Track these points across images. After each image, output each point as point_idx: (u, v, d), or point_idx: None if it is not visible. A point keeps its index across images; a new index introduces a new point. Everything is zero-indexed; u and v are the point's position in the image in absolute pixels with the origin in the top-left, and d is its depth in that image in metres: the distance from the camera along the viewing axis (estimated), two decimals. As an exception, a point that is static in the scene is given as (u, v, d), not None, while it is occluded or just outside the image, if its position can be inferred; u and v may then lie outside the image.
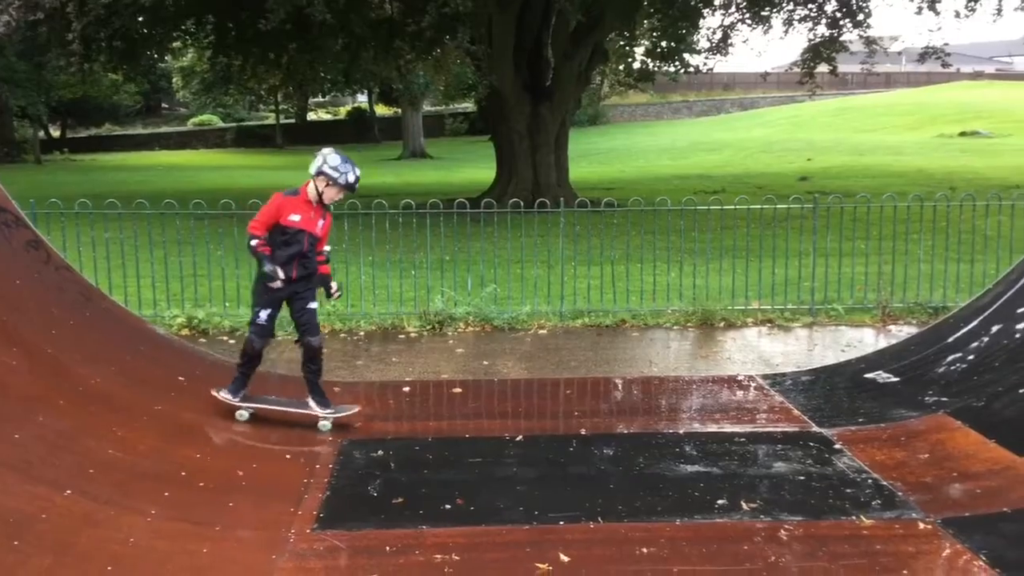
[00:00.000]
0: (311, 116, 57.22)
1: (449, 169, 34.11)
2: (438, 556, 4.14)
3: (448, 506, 4.74)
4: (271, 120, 53.24)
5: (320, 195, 5.83)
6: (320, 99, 55.13)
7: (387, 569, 4.03)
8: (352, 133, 52.44)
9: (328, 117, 58.79)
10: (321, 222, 5.92)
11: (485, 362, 8.00)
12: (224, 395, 5.94)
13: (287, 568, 4.01)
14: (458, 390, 6.97)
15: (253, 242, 5.74)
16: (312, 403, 6.00)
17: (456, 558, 4.13)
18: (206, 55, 29.92)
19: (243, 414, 5.91)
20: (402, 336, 8.98)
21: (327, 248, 6.16)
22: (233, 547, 4.17)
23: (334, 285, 6.12)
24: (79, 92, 41.19)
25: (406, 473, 5.26)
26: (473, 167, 32.32)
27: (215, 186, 25.67)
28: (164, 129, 53.55)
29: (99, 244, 9.60)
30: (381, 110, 54.55)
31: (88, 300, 6.70)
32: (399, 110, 47.49)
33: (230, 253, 10.60)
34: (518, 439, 5.82)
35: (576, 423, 6.20)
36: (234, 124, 53.34)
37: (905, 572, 4.04)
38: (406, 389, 7.05)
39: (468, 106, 48.78)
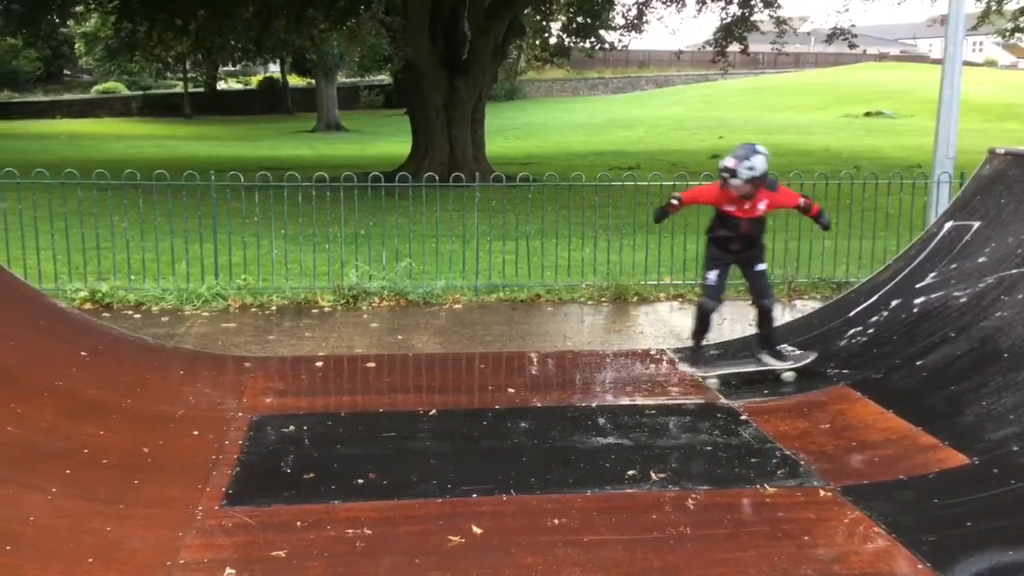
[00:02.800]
0: (221, 85, 55.73)
1: (364, 142, 33.70)
2: (350, 531, 4.12)
3: (360, 481, 4.71)
4: (179, 89, 51.68)
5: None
6: (231, 68, 53.68)
7: (297, 544, 3.99)
8: (264, 104, 51.34)
9: (239, 87, 57.37)
10: (762, 204, 6.29)
11: (400, 336, 7.96)
12: (689, 369, 6.50)
13: (194, 545, 3.94)
14: (372, 364, 6.93)
15: (674, 201, 6.41)
16: (767, 358, 6.45)
17: (368, 532, 4.12)
18: (110, 20, 28.83)
19: (712, 383, 6.33)
20: (315, 310, 8.87)
21: (801, 201, 6.51)
22: (138, 525, 4.08)
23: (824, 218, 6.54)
24: (-26, 57, 39.34)
25: (318, 448, 5.21)
26: (389, 140, 32.00)
27: (120, 156, 24.85)
28: (66, 96, 51.46)
29: (-5, 215, 9.21)
30: (294, 81, 53.46)
31: (-17, 273, 6.44)
32: (313, 81, 46.61)
33: (135, 225, 10.29)
34: (432, 413, 5.81)
35: (490, 397, 6.22)
36: (140, 92, 51.61)
37: (806, 538, 4.17)
38: (319, 364, 6.97)
39: (384, 78, 48.14)
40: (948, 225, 7.23)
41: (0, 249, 8.91)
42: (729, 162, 6.10)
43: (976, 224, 6.97)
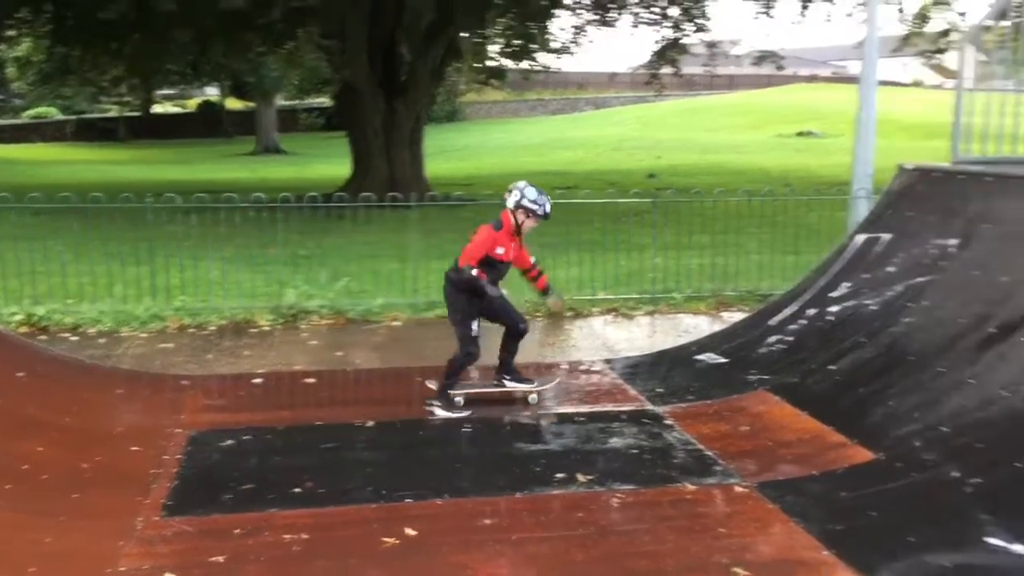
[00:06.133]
0: (158, 109, 55.15)
1: (304, 165, 33.63)
2: (287, 536, 4.28)
3: (298, 490, 4.86)
4: (114, 113, 51.01)
5: (519, 226, 6.35)
6: (168, 91, 53.16)
7: (236, 551, 4.13)
8: (201, 127, 50.82)
9: (176, 110, 56.81)
10: (517, 247, 6.44)
11: (339, 353, 8.10)
12: (436, 403, 6.31)
13: (134, 554, 4.06)
14: (311, 380, 7.07)
15: (474, 272, 6.16)
16: (511, 382, 6.59)
17: (305, 537, 4.28)
18: (43, 44, 28.49)
19: (459, 400, 6.37)
20: (254, 330, 8.96)
21: (533, 260, 6.71)
22: (78, 536, 4.18)
23: (552, 298, 6.99)
24: (-100, 82, 38.46)
25: (256, 460, 5.34)
26: (329, 163, 31.98)
27: (54, 180, 24.49)
28: (-1, 122, 50.51)
29: (-73, 240, 9.16)
30: (232, 104, 53.11)
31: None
32: (251, 104, 46.40)
33: (70, 249, 10.27)
34: (369, 425, 5.98)
35: (427, 409, 6.40)
36: (74, 116, 50.82)
37: (722, 530, 4.44)
38: (258, 381, 7.08)
39: (324, 101, 48.13)
40: (861, 238, 7.61)
41: (-68, 274, 8.86)
42: (548, 207, 6.33)
43: (886, 236, 7.36)
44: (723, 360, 7.07)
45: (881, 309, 6.70)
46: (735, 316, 9.43)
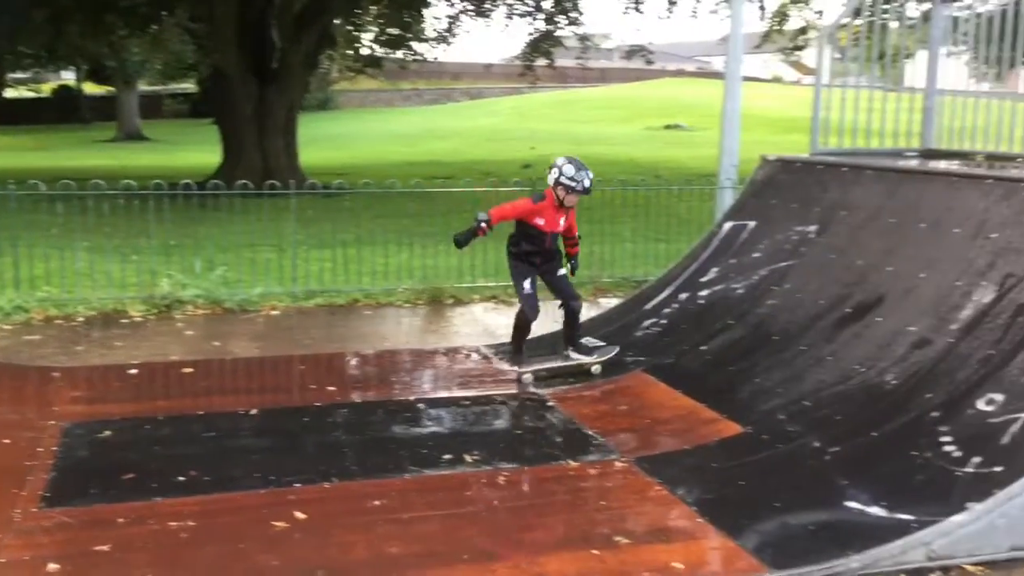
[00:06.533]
0: (9, 93, 52.22)
1: (170, 152, 32.55)
2: (173, 523, 4.23)
3: (182, 478, 4.80)
4: (-39, 96, 48.07)
5: (561, 201, 6.61)
6: (20, 75, 50.39)
7: (120, 539, 4.07)
8: (57, 112, 48.43)
9: (30, 95, 53.92)
10: (563, 220, 6.75)
11: (216, 343, 7.97)
12: (516, 369, 6.80)
13: (14, 545, 3.95)
14: (189, 370, 6.94)
15: (482, 223, 6.58)
16: (573, 353, 6.84)
17: (192, 524, 4.25)
18: None
19: (528, 377, 6.70)
20: (126, 321, 8.71)
21: (578, 233, 7.04)
22: (-49, 531, 4.03)
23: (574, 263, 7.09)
24: None
25: (136, 451, 5.24)
26: (197, 150, 31.04)
27: None
28: None
29: None
30: (91, 88, 50.81)
31: None
32: (112, 88, 44.52)
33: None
34: (252, 413, 5.94)
35: (311, 395, 6.39)
36: (-83, 100, 47.66)
37: (603, 503, 4.64)
38: (133, 371, 6.91)
39: (189, 86, 46.59)
40: (728, 225, 7.99)
41: None
42: (587, 182, 6.59)
43: (751, 223, 7.75)
44: (602, 344, 7.30)
45: (747, 292, 7.07)
46: (612, 302, 9.73)
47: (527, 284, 6.80)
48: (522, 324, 6.94)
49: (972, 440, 4.51)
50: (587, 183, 6.60)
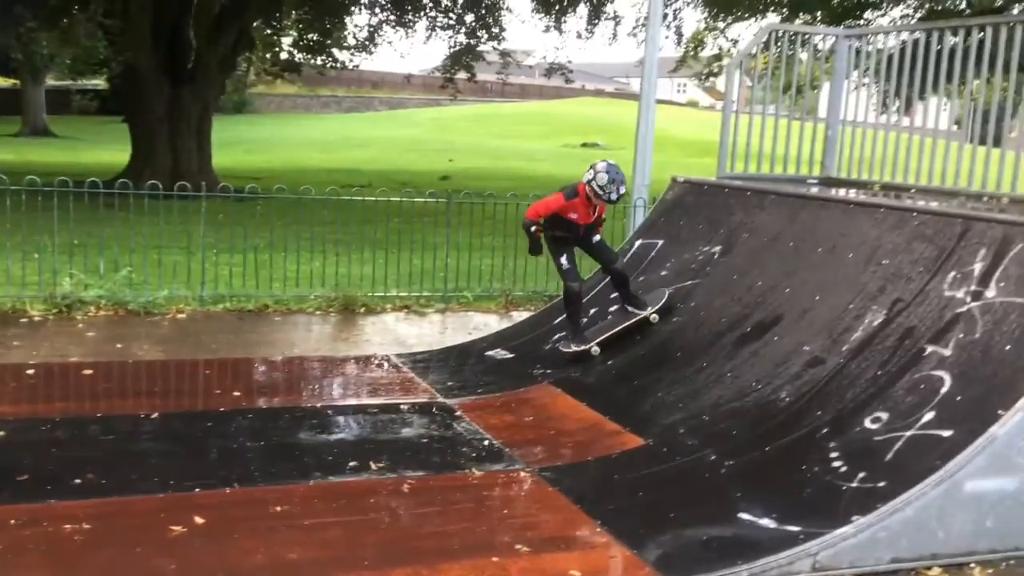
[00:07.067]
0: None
1: (77, 149, 31.60)
2: (68, 526, 4.15)
3: (78, 481, 4.71)
4: None
5: (589, 199, 6.82)
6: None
7: (12, 541, 3.98)
8: (-43, 104, 46.55)
9: (-73, 85, 51.67)
10: (595, 211, 6.95)
11: (119, 345, 7.79)
12: (574, 348, 6.98)
13: None
14: (89, 372, 6.78)
15: (532, 228, 6.92)
16: (632, 308, 7.05)
17: (87, 527, 4.17)
18: None
19: (596, 349, 6.94)
20: (24, 320, 8.45)
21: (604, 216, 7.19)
22: None
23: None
24: None
25: (30, 453, 5.11)
26: (105, 148, 30.20)
27: None
28: None
29: None
30: (-4, 80, 48.97)
31: None
32: (17, 82, 42.98)
33: None
34: (153, 416, 5.84)
35: (214, 400, 6.33)
36: None
37: (505, 511, 4.73)
38: (30, 372, 6.71)
39: (99, 83, 45.26)
40: (638, 243, 8.19)
41: None
42: (622, 188, 6.84)
43: (660, 242, 7.96)
44: (511, 355, 7.40)
45: (654, 309, 7.23)
46: (523, 315, 9.84)
47: (564, 259, 7.05)
48: (572, 298, 7.09)
49: (858, 456, 4.72)
50: (614, 196, 6.84)
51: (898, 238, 5.95)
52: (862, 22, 19.89)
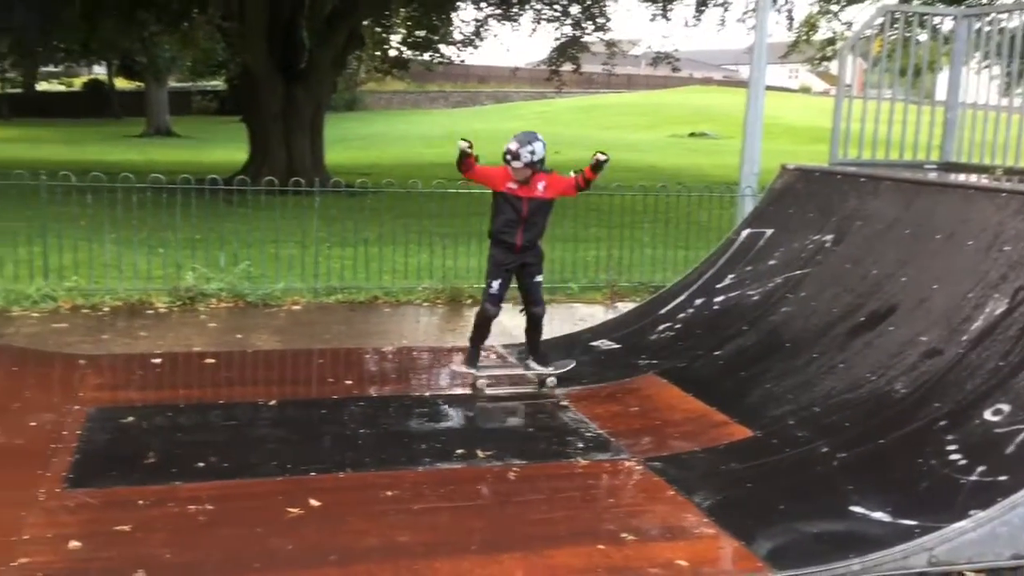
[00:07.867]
0: (42, 86, 52.95)
1: (198, 148, 32.89)
2: (192, 506, 4.36)
3: (201, 464, 4.93)
4: (-5, 89, 48.79)
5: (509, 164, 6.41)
6: (52, 69, 51.04)
7: (141, 520, 4.20)
8: (88, 107, 49.07)
9: (61, 88, 54.63)
10: (540, 185, 6.49)
11: (239, 335, 8.11)
12: (464, 368, 6.69)
13: (38, 524, 4.09)
14: (211, 361, 7.09)
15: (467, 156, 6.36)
16: (534, 363, 6.75)
17: (210, 507, 4.37)
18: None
19: (482, 383, 6.61)
20: (150, 312, 8.89)
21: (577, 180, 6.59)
22: (-22, 508, 4.18)
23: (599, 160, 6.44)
24: None
25: (157, 437, 5.38)
26: (224, 147, 31.35)
27: (-69, 157, 23.40)
28: None
29: None
30: (121, 83, 51.40)
31: None
32: (142, 84, 45.02)
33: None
34: (271, 403, 6.07)
35: (328, 388, 6.53)
36: (-49, 93, 48.45)
37: (611, 500, 4.75)
38: (156, 360, 7.06)
39: (218, 84, 47.04)
40: (745, 232, 8.05)
41: None
42: (512, 145, 6.37)
43: (768, 231, 7.81)
44: (616, 346, 7.39)
45: (762, 299, 7.12)
46: (628, 306, 9.80)
47: (496, 285, 6.61)
48: (483, 321, 6.70)
49: (978, 449, 4.55)
50: (508, 156, 6.34)
51: (1021, 223, 5.69)
52: (984, 1, 18.99)
